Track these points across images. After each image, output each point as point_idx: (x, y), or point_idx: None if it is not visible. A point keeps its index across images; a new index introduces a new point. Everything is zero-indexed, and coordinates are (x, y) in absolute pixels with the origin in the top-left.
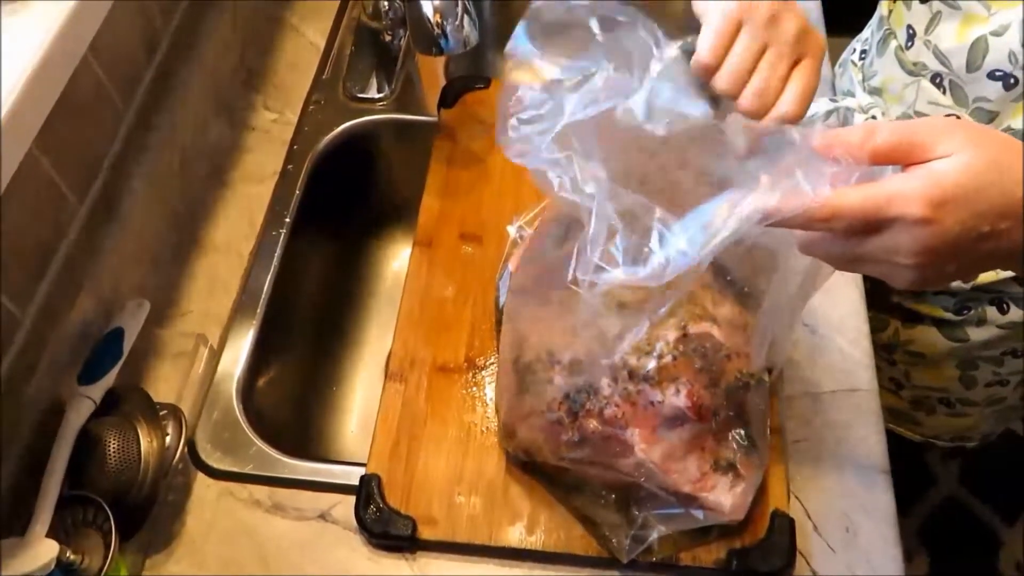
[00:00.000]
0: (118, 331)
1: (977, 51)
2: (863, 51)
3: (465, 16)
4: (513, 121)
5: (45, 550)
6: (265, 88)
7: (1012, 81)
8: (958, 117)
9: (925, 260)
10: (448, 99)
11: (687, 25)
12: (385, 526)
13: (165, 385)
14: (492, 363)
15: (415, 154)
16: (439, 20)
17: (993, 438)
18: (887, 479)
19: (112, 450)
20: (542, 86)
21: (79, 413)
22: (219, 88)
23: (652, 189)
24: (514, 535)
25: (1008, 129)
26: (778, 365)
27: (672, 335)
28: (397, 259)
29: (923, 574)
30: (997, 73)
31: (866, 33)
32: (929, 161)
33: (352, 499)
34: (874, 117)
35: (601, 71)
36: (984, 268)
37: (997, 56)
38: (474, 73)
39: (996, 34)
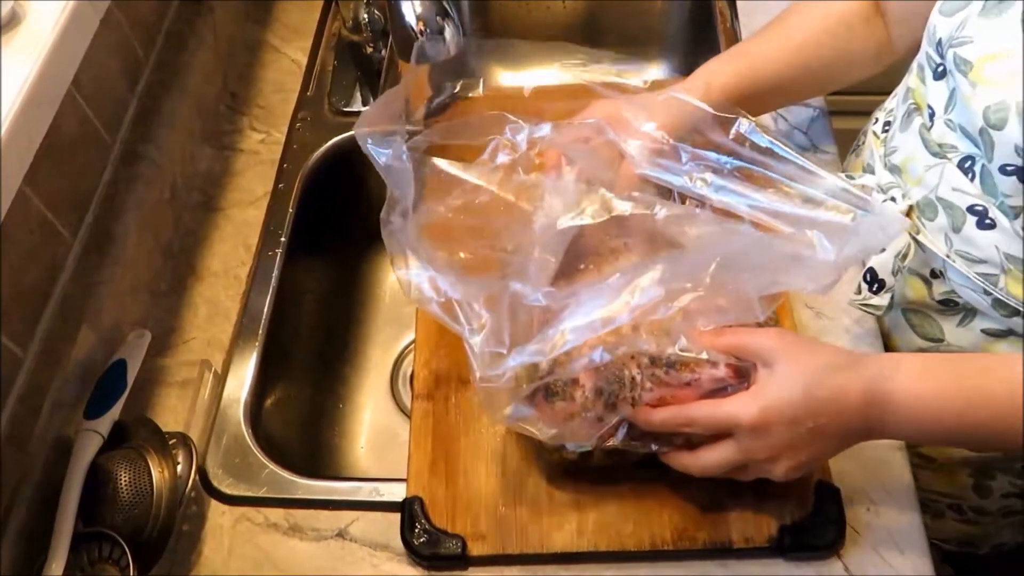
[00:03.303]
0: (121, 363)
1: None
2: (887, 122)
3: (448, 21)
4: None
5: None
6: (250, 110)
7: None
8: (983, 207)
9: (775, 454)
10: (436, 109)
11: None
12: (434, 547)
13: (172, 414)
14: None
15: None
16: (422, 27)
17: (1007, 548)
18: (904, 456)
19: (124, 483)
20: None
21: (87, 448)
22: (204, 114)
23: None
24: (565, 539)
25: None
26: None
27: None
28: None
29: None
30: (1008, 168)
31: (891, 103)
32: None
33: (370, 515)
34: (893, 199)
35: None
36: (840, 449)
37: (1004, 150)
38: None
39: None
